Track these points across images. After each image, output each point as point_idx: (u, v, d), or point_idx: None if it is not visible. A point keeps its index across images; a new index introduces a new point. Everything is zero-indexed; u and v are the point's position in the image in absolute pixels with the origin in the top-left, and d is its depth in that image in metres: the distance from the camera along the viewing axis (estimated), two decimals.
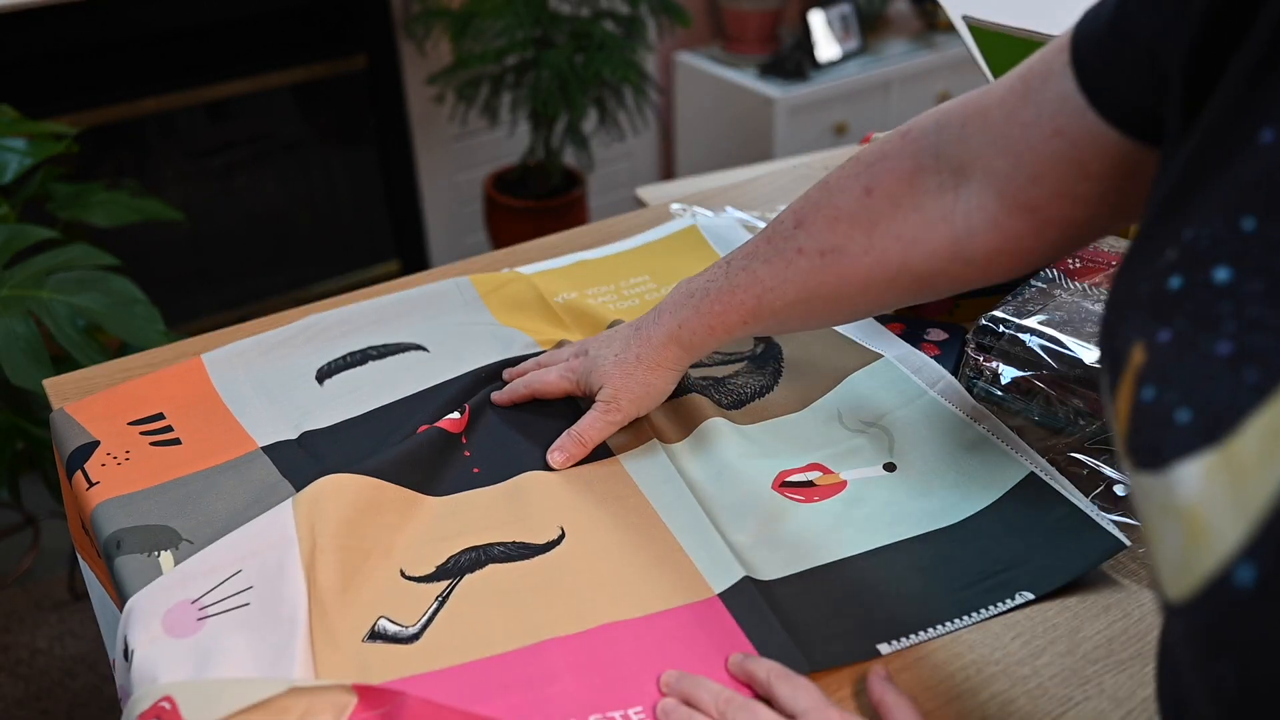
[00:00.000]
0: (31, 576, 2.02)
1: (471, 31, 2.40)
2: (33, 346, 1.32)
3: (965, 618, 0.66)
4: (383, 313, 0.96)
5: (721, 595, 0.67)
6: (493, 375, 0.88)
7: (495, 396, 0.84)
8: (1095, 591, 0.68)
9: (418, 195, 2.76)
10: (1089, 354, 0.78)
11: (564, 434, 0.79)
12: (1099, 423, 0.78)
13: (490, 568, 0.69)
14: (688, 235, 1.08)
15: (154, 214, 1.78)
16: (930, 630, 0.65)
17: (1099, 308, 0.82)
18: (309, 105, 2.61)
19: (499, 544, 0.71)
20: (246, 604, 0.64)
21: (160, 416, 0.84)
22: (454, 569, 0.69)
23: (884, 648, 0.64)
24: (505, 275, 1.02)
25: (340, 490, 0.71)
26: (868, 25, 3.04)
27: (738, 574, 0.68)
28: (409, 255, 2.82)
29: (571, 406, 0.84)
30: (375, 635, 0.64)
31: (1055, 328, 0.81)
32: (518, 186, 2.70)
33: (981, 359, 0.84)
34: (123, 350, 1.54)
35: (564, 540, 0.71)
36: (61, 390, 0.90)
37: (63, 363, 1.42)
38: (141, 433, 0.82)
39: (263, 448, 0.80)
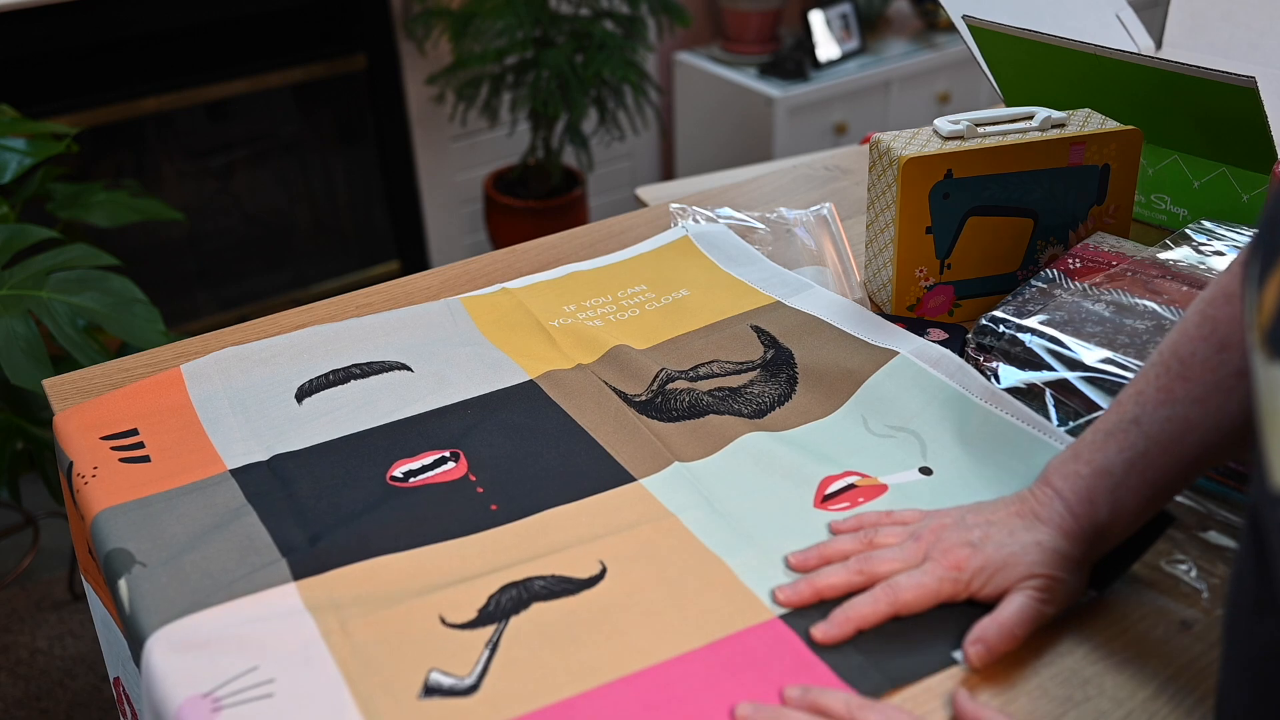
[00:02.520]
0: (31, 576, 2.02)
1: (471, 31, 2.40)
2: (33, 346, 1.32)
3: None
4: (370, 331, 0.94)
5: (783, 618, 0.65)
6: (482, 407, 0.85)
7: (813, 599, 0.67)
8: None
9: (418, 195, 2.76)
10: (1089, 354, 0.78)
11: (988, 624, 0.63)
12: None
13: (535, 607, 0.66)
14: (680, 245, 1.07)
15: (154, 214, 1.78)
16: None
17: (1099, 308, 0.82)
18: (309, 105, 2.61)
19: (538, 578, 0.68)
20: (271, 694, 0.61)
21: (134, 432, 0.83)
22: (497, 611, 0.66)
23: (959, 654, 0.63)
24: (497, 295, 1.00)
25: (354, 579, 0.69)
26: (868, 25, 3.04)
27: None
28: (409, 255, 2.82)
29: (573, 431, 0.82)
30: (430, 690, 0.61)
31: (1055, 328, 0.81)
32: (518, 186, 2.70)
33: (982, 359, 0.84)
34: (123, 350, 1.54)
35: (606, 575, 0.69)
36: (61, 390, 0.90)
37: (63, 363, 1.42)
38: (112, 448, 0.81)
39: (231, 470, 0.78)
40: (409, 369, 0.90)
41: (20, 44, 2.15)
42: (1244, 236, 0.89)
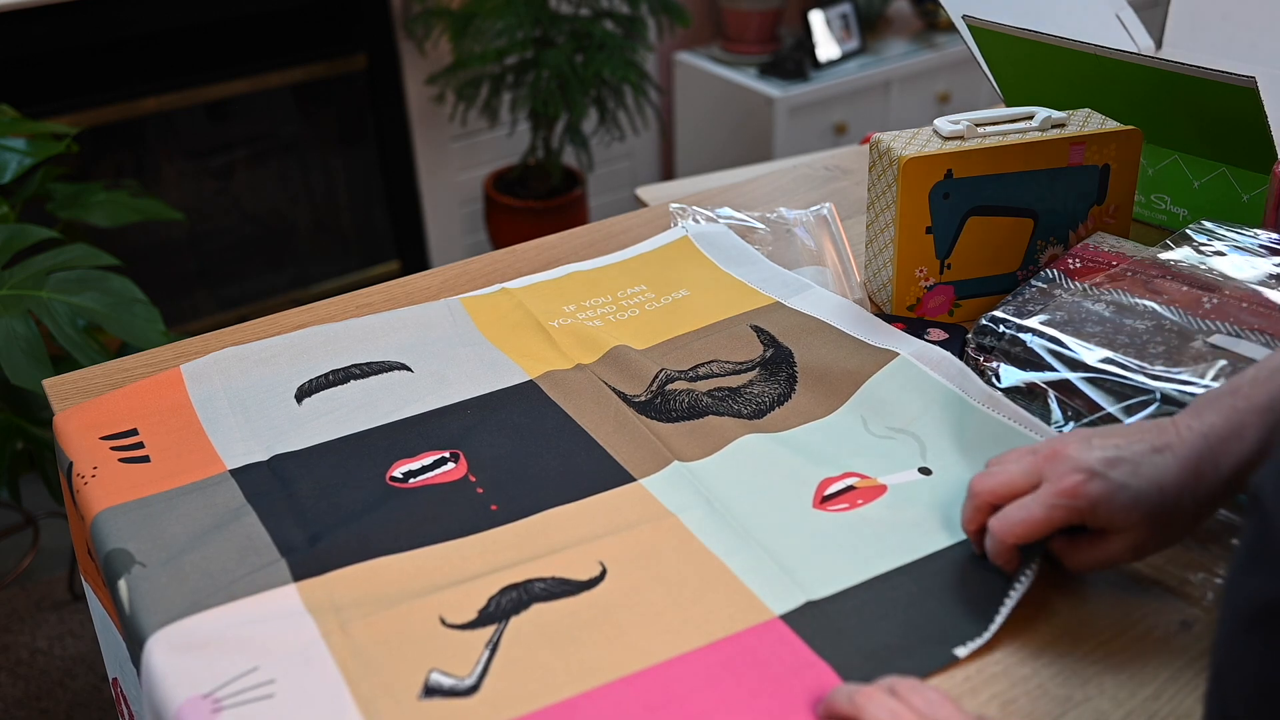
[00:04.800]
0: (31, 576, 2.02)
1: (471, 31, 2.41)
2: (33, 346, 1.32)
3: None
4: (370, 331, 0.94)
5: (784, 618, 0.65)
6: (482, 407, 0.85)
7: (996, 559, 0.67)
8: (1096, 591, 0.68)
9: (418, 195, 2.77)
10: (1090, 354, 0.78)
11: (1078, 552, 0.65)
12: (1099, 423, 0.78)
13: (535, 608, 0.66)
14: (680, 245, 1.07)
15: (154, 214, 1.78)
16: (998, 620, 0.65)
17: (1099, 308, 0.82)
18: (309, 105, 2.61)
19: (538, 580, 0.68)
20: (271, 695, 0.61)
21: (134, 432, 0.82)
22: (497, 612, 0.66)
23: (961, 651, 0.63)
24: (497, 295, 1.00)
25: (354, 579, 0.69)
26: (868, 25, 3.04)
27: (798, 598, 0.67)
28: (409, 255, 2.82)
29: (573, 431, 0.82)
30: (430, 691, 0.61)
31: (1056, 328, 0.81)
32: (518, 186, 2.70)
33: (982, 359, 0.84)
34: (123, 350, 1.54)
35: (607, 576, 0.69)
36: (61, 390, 0.90)
37: (63, 363, 1.42)
38: (112, 448, 0.81)
39: (230, 470, 0.78)
40: (409, 369, 0.90)
41: (20, 44, 2.15)
42: (1244, 236, 0.89)
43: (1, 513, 2.09)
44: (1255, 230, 0.90)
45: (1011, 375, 0.81)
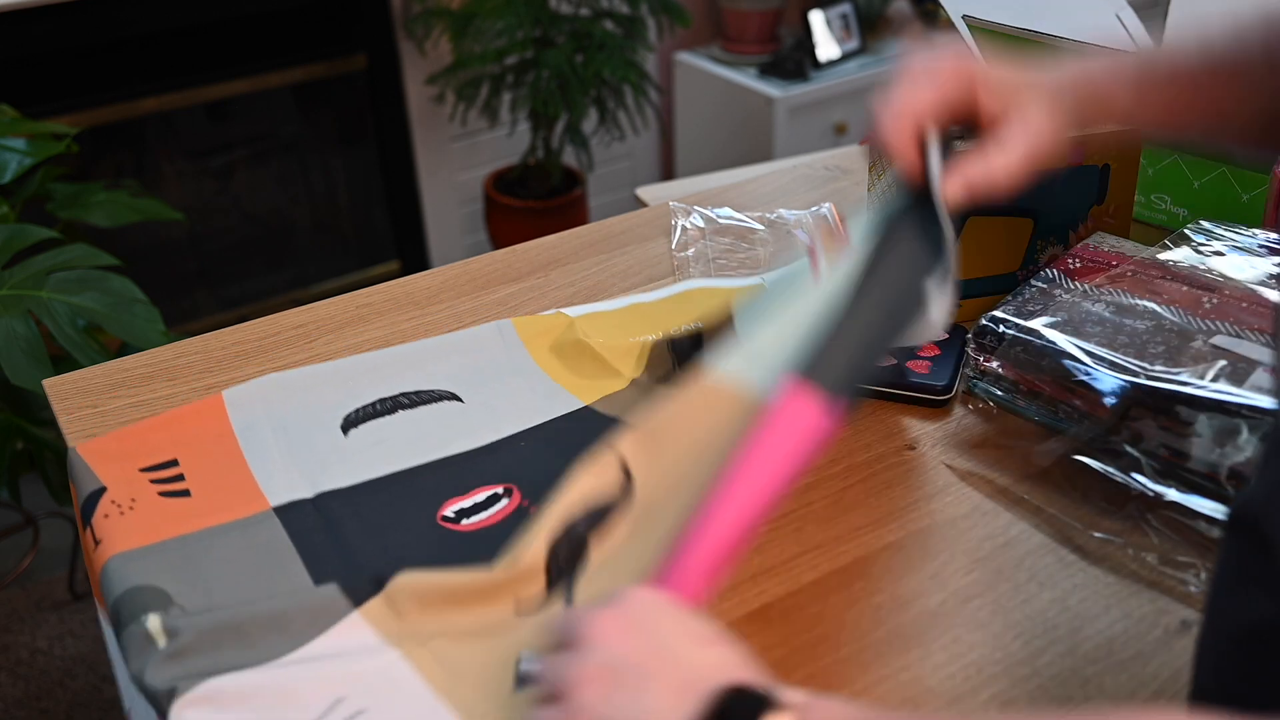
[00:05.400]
0: (31, 576, 2.02)
1: (471, 31, 2.41)
2: (33, 346, 1.32)
3: None
4: (421, 357, 0.91)
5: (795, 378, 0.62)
6: (535, 439, 0.82)
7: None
8: (1095, 591, 0.68)
9: (418, 195, 2.76)
10: (1090, 355, 0.78)
11: (979, 168, 0.68)
12: (1100, 423, 0.78)
13: (594, 553, 0.66)
14: (753, 291, 0.99)
15: (154, 214, 1.78)
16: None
17: (1099, 308, 0.82)
18: (309, 105, 2.61)
19: (576, 522, 0.67)
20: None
21: (174, 464, 0.80)
22: (558, 574, 0.66)
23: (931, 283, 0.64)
24: (551, 318, 0.96)
25: (415, 586, 0.67)
26: (868, 25, 3.04)
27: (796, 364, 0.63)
28: (409, 255, 2.82)
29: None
30: (523, 680, 0.58)
31: (1056, 328, 0.81)
32: (518, 186, 2.70)
33: (982, 359, 0.84)
34: (123, 350, 1.54)
35: (634, 478, 0.67)
36: (61, 390, 0.90)
37: (63, 363, 1.42)
38: (152, 480, 0.78)
39: (274, 508, 0.75)
40: (459, 399, 0.87)
41: (20, 44, 2.15)
42: (1244, 236, 0.89)
43: (1, 513, 2.09)
44: (1255, 230, 0.90)
45: (1011, 375, 0.81)
